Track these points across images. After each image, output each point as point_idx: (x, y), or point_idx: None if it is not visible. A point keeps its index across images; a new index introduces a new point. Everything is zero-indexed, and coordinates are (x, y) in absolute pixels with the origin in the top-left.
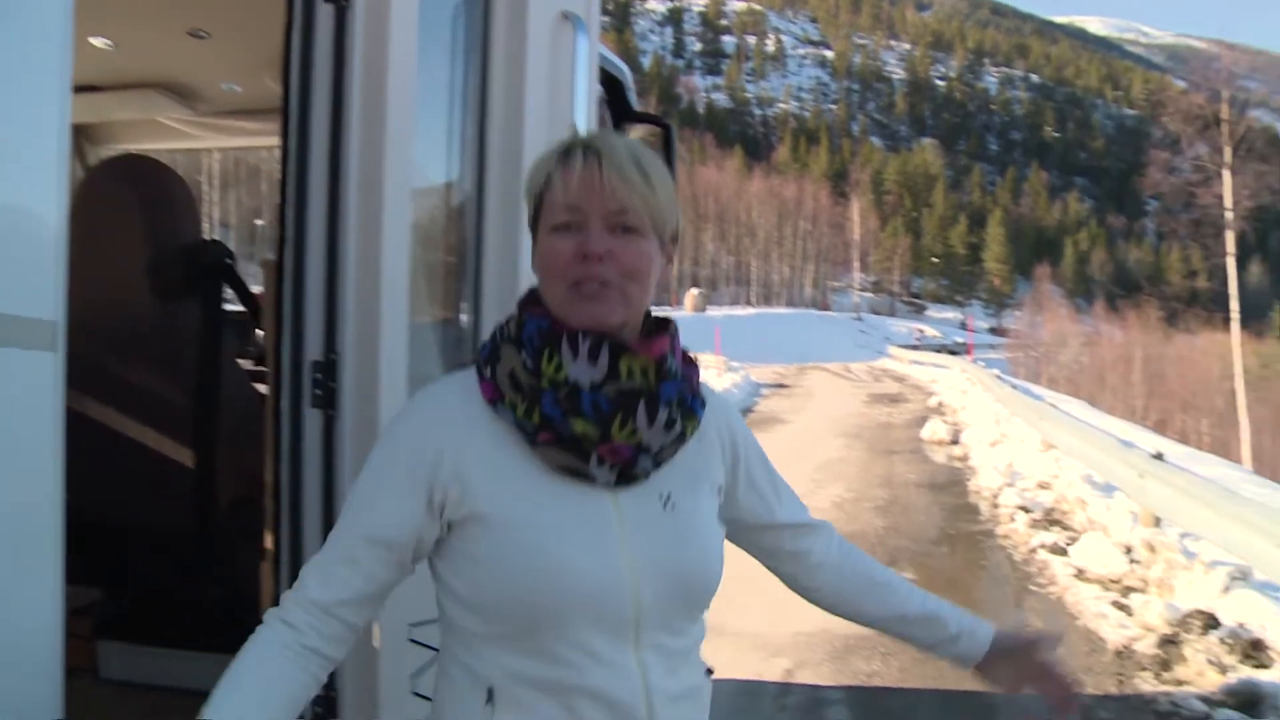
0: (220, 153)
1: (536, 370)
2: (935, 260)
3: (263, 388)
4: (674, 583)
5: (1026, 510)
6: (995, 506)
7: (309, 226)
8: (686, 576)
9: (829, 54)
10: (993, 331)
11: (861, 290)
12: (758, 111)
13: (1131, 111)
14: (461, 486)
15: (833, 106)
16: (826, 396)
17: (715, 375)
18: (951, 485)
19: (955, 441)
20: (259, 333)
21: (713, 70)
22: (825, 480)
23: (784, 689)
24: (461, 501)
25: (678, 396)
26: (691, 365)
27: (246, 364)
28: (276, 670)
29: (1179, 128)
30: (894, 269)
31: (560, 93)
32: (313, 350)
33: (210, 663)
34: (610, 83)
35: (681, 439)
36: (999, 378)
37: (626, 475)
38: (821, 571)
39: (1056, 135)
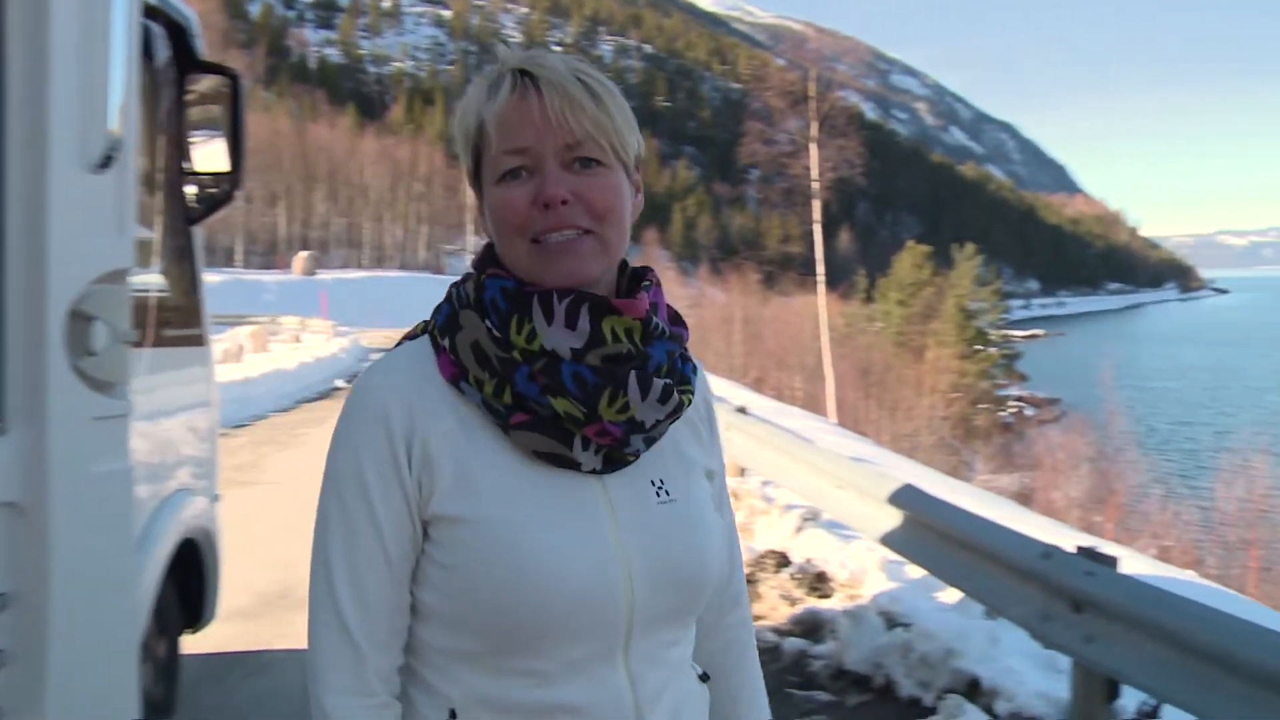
0: None
1: (505, 341)
2: None
3: None
4: (672, 585)
5: None
6: None
7: None
8: (687, 578)
9: (446, 14)
10: None
11: (474, 254)
12: (372, 69)
13: (736, 85)
14: (430, 479)
15: (449, 67)
16: None
17: (324, 340)
18: None
19: None
20: None
21: (326, 24)
22: None
23: None
24: (430, 499)
25: (668, 360)
26: (680, 323)
27: None
28: None
29: (775, 103)
30: None
31: (94, 40)
32: None
33: None
34: (173, 28)
35: (678, 412)
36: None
37: (614, 458)
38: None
39: (667, 104)
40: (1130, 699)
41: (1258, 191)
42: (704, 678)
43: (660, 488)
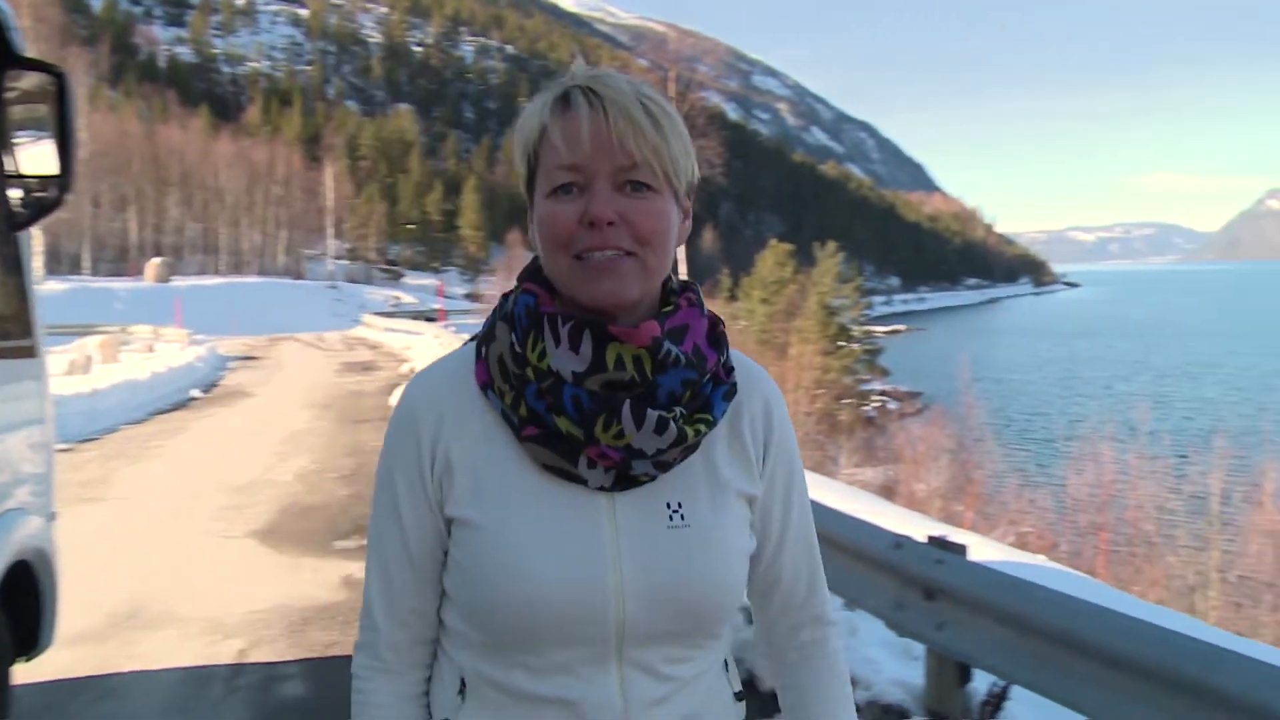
0: None
1: (523, 357)
2: (411, 227)
3: None
4: (672, 607)
5: None
6: None
7: None
8: (688, 602)
9: (303, 13)
10: (469, 297)
11: (337, 258)
12: (226, 69)
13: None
14: (449, 484)
15: (307, 68)
16: (297, 367)
17: (179, 349)
18: None
19: None
20: None
21: (176, 21)
22: (290, 453)
23: (236, 670)
24: (447, 502)
25: (685, 389)
26: (718, 346)
27: None
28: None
29: None
30: (370, 236)
31: None
32: None
33: None
34: None
35: (683, 443)
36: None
37: (625, 478)
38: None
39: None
40: (982, 682)
41: (1105, 190)
42: (739, 696)
43: (676, 510)
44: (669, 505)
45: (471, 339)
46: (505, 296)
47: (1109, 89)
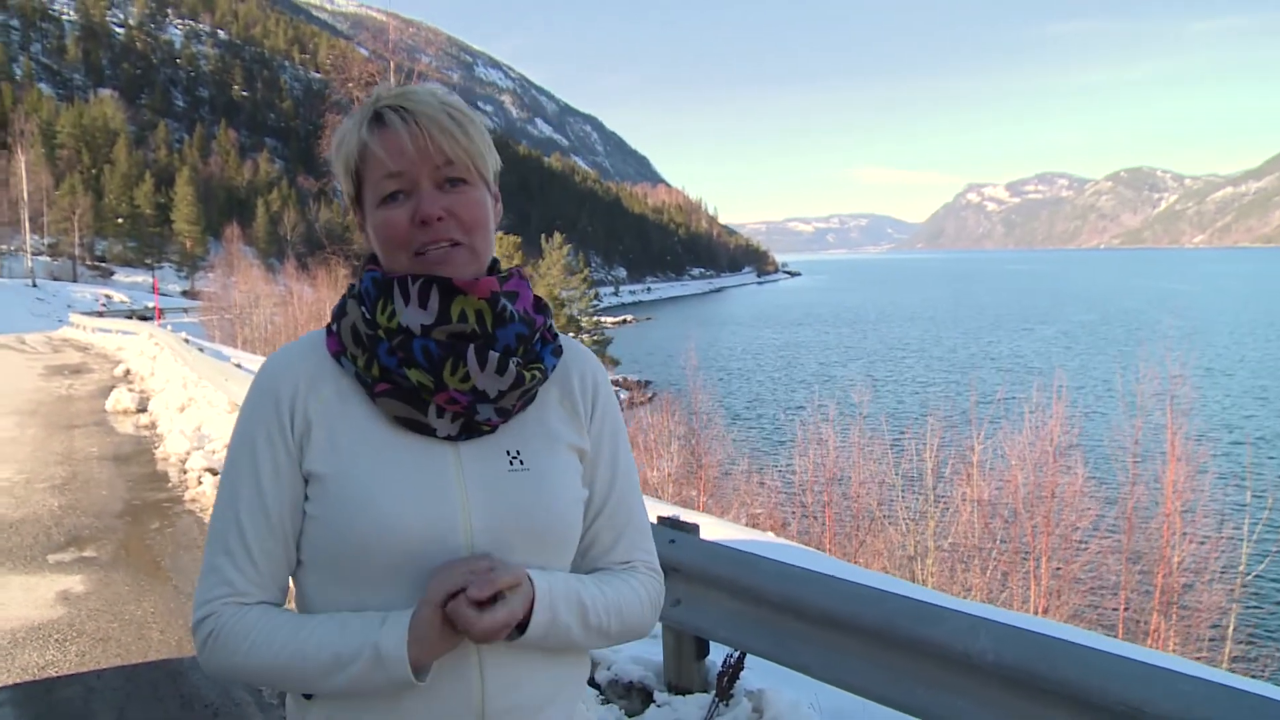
0: None
1: (373, 321)
2: (121, 221)
3: None
4: (517, 540)
5: (215, 472)
6: (184, 471)
7: None
8: (531, 536)
9: None
10: (186, 295)
11: (36, 254)
12: None
13: (318, 75)
14: (307, 441)
15: None
16: None
17: None
18: (138, 455)
19: (143, 410)
20: None
21: None
22: None
23: None
24: (304, 457)
25: (519, 343)
26: (543, 312)
27: None
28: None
29: (357, 94)
30: (74, 230)
31: None
32: None
33: None
34: None
35: (520, 385)
36: (187, 341)
37: (470, 426)
38: None
39: (245, 94)
40: (719, 654)
41: (821, 183)
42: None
43: (515, 457)
44: (508, 453)
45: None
46: (354, 284)
47: (823, 85)
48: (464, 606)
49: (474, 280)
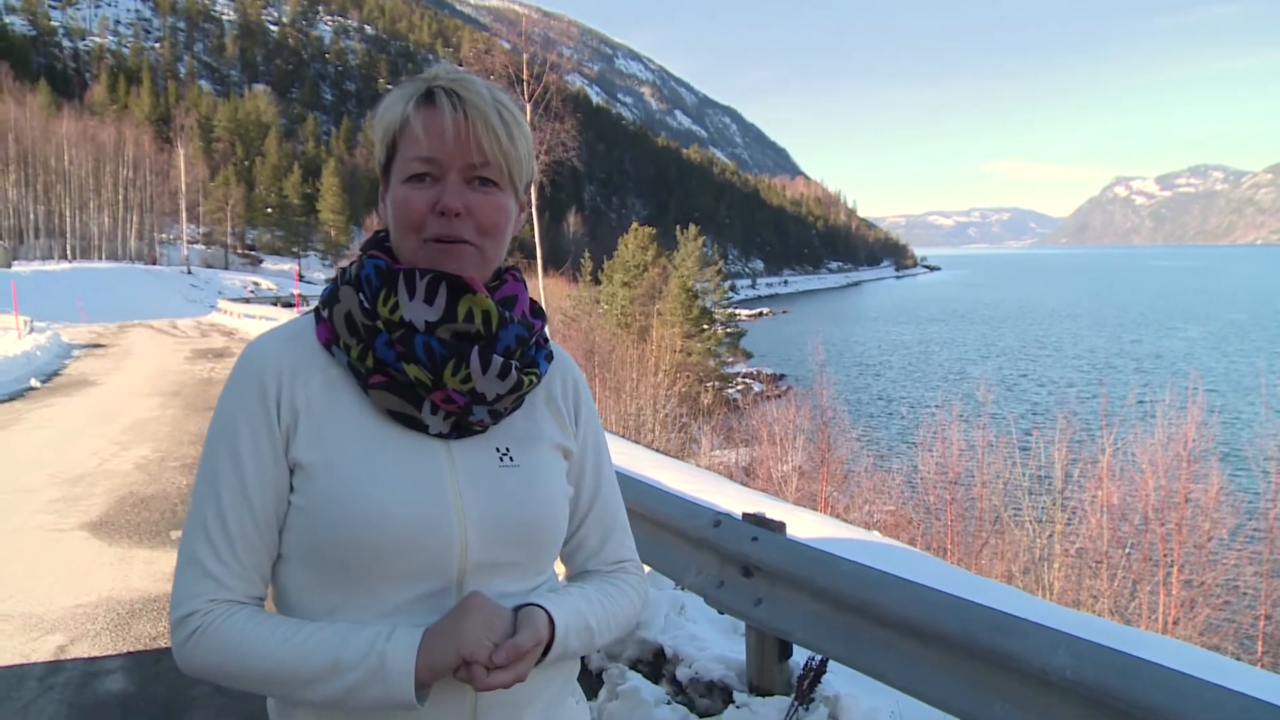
0: None
1: (373, 311)
2: (270, 211)
3: None
4: (509, 534)
5: None
6: None
7: None
8: (522, 530)
9: None
10: (330, 282)
11: (192, 243)
12: (67, 44)
13: (460, 68)
14: (294, 430)
15: (156, 45)
16: (146, 354)
17: (16, 338)
18: None
19: None
20: None
21: None
22: (132, 441)
23: (53, 668)
24: (291, 446)
25: (518, 346)
26: (540, 316)
27: None
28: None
29: (498, 86)
30: (226, 220)
31: None
32: None
33: None
34: None
35: (518, 390)
36: None
37: (462, 426)
38: None
39: (390, 87)
40: (801, 656)
41: (961, 176)
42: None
43: (505, 454)
44: (498, 450)
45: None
46: (345, 267)
47: (963, 78)
48: (479, 670)
49: (488, 285)
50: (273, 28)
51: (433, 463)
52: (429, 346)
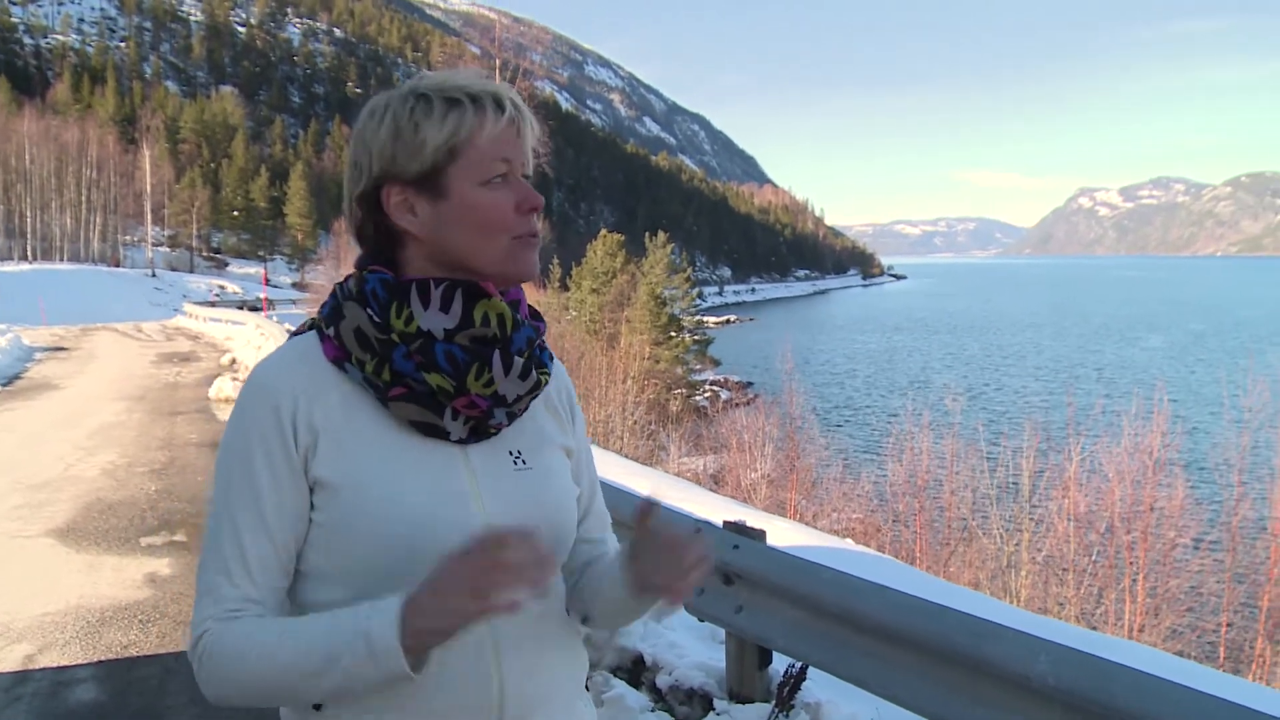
0: None
1: (385, 325)
2: (236, 214)
3: None
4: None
5: None
6: None
7: None
8: (541, 531)
9: None
10: (296, 286)
11: (157, 245)
12: (28, 41)
13: (429, 73)
14: (313, 449)
15: (121, 44)
16: (111, 358)
17: None
18: None
19: None
20: None
21: None
22: (98, 446)
23: (20, 678)
24: (311, 465)
25: (529, 346)
26: (538, 318)
27: None
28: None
29: None
30: (192, 223)
31: None
32: None
33: None
34: None
35: (536, 390)
36: (290, 331)
37: (479, 429)
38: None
39: (359, 91)
40: (781, 663)
41: (928, 186)
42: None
43: (518, 457)
44: (511, 453)
45: (296, 332)
46: (341, 284)
47: (933, 87)
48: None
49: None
50: (240, 29)
51: (453, 469)
52: (451, 354)
